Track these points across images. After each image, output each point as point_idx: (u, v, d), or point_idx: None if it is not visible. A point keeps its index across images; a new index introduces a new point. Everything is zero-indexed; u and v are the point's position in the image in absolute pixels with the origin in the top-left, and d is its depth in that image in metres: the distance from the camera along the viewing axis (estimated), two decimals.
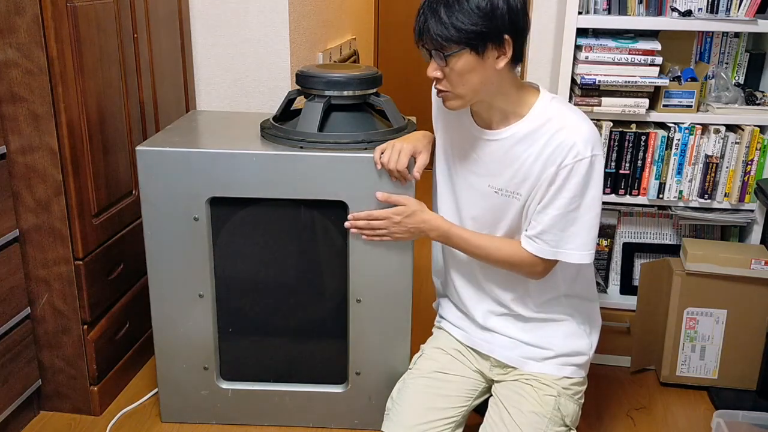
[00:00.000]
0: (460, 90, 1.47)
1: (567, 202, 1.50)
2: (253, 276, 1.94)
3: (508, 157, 1.55)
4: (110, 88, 2.02)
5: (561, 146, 1.48)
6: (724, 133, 2.17)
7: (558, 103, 1.55)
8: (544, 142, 1.50)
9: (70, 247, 1.92)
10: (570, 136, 1.48)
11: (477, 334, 1.73)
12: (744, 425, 1.92)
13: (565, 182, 1.49)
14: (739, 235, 2.37)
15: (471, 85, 1.47)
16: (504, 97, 1.52)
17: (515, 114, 1.54)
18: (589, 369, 1.73)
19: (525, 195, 1.55)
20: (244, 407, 2.02)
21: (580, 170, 1.47)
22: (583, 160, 1.47)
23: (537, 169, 1.51)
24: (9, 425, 1.94)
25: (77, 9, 1.83)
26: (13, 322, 1.90)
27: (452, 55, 1.43)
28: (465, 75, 1.45)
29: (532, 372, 1.66)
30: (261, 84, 2.58)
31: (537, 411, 1.60)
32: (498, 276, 1.67)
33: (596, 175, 1.50)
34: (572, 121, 1.51)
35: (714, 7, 2.09)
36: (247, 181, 1.80)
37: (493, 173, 1.59)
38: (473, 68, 1.44)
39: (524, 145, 1.53)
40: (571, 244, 1.53)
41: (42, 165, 1.85)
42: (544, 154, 1.50)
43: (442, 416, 1.65)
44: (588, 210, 1.52)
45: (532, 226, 1.56)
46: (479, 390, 1.73)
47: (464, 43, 1.41)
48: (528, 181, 1.53)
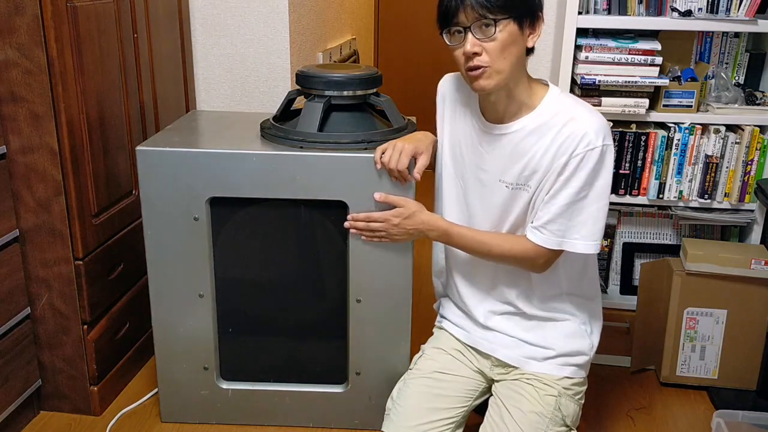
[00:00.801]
0: (500, 64, 1.46)
1: (576, 191, 1.50)
2: (253, 276, 1.94)
3: (519, 150, 1.55)
4: (110, 88, 2.02)
5: (572, 136, 1.49)
6: (724, 133, 2.17)
7: (567, 96, 1.57)
8: (554, 134, 1.51)
9: (70, 247, 1.92)
10: (581, 126, 1.49)
11: (478, 333, 1.73)
12: (744, 425, 1.92)
13: (576, 171, 1.49)
14: (739, 235, 2.37)
15: (511, 59, 1.47)
16: (521, 86, 1.54)
17: (527, 106, 1.55)
18: (589, 369, 1.73)
19: (534, 186, 1.55)
20: (244, 407, 2.02)
21: (591, 159, 1.48)
22: (595, 149, 1.48)
23: (547, 161, 1.52)
24: (9, 425, 1.94)
25: (77, 9, 1.83)
26: (13, 322, 1.90)
27: (499, 22, 1.43)
28: (508, 47, 1.45)
29: (533, 372, 1.66)
30: (261, 84, 2.58)
31: (537, 411, 1.60)
32: (501, 272, 1.67)
33: (607, 165, 1.50)
34: (582, 112, 1.52)
35: (714, 7, 2.09)
36: (247, 181, 1.80)
37: (503, 168, 1.59)
38: (515, 40, 1.46)
39: (534, 137, 1.53)
40: (576, 234, 1.53)
41: (42, 165, 1.85)
42: (555, 145, 1.50)
43: (443, 416, 1.65)
44: (596, 200, 1.52)
45: (538, 217, 1.55)
46: (479, 390, 1.73)
47: (510, 11, 1.43)
48: (538, 173, 1.54)
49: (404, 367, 1.86)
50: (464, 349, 1.76)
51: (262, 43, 2.53)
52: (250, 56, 2.55)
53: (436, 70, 4.64)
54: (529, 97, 1.55)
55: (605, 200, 1.53)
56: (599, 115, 1.53)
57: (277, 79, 2.56)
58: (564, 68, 2.12)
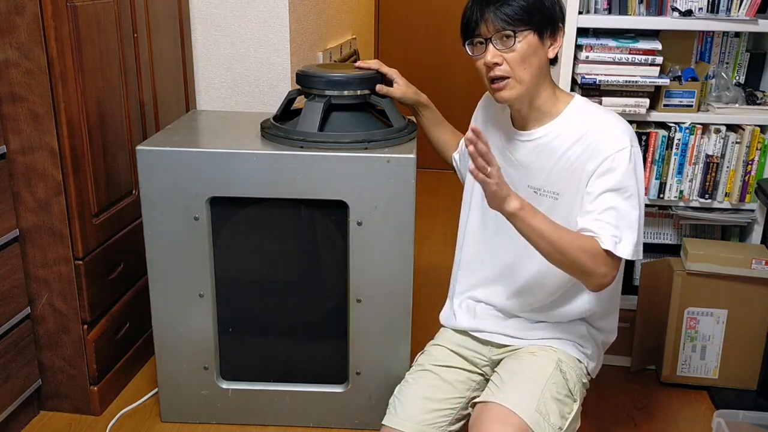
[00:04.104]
0: (521, 74, 1.49)
1: (614, 190, 1.48)
2: (253, 276, 1.94)
3: (543, 156, 1.57)
4: (110, 88, 2.02)
5: (599, 141, 1.50)
6: (725, 133, 2.17)
7: (592, 105, 1.59)
8: (577, 139, 1.52)
9: (70, 247, 1.92)
10: (606, 132, 1.50)
11: (489, 320, 1.72)
12: (744, 425, 1.92)
13: (608, 173, 1.48)
14: (739, 234, 2.37)
15: (532, 69, 1.49)
16: (544, 95, 1.55)
17: (550, 113, 1.57)
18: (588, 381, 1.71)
19: (562, 194, 1.56)
20: (245, 407, 2.02)
21: (623, 160, 1.48)
22: (623, 150, 1.48)
23: (574, 167, 1.52)
24: (9, 425, 1.94)
25: (77, 9, 1.82)
26: (13, 322, 1.90)
27: (519, 33, 1.46)
28: (528, 58, 1.48)
29: (536, 343, 1.65)
30: (261, 84, 2.58)
31: (537, 370, 1.58)
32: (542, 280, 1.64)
33: (638, 169, 1.50)
34: (606, 118, 1.54)
35: (714, 6, 2.09)
36: (247, 181, 1.80)
37: (530, 173, 1.60)
38: (536, 51, 1.49)
39: (558, 143, 1.55)
40: (623, 234, 1.48)
41: (42, 165, 1.84)
42: (579, 150, 1.51)
43: (441, 407, 1.64)
44: (635, 205, 1.49)
45: (585, 212, 1.51)
46: (476, 381, 1.72)
47: (530, 23, 1.46)
48: (565, 180, 1.54)
49: (404, 367, 1.86)
50: (463, 340, 1.75)
51: (262, 43, 2.53)
52: (250, 56, 2.55)
53: (436, 70, 4.65)
54: (553, 105, 1.57)
55: (641, 204, 1.51)
56: (623, 120, 1.54)
57: (277, 79, 2.56)
58: (564, 68, 2.12)
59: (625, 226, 1.48)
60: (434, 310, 1.96)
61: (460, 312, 1.77)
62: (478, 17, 1.48)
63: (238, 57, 2.56)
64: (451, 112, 2.02)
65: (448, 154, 1.91)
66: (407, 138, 1.89)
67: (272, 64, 2.55)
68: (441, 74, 4.28)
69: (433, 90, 1.79)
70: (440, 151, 1.94)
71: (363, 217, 1.81)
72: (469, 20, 1.51)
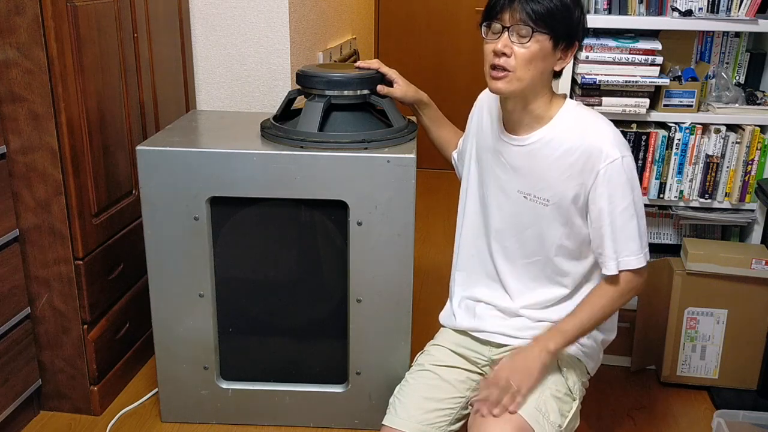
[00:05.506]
0: (523, 73, 1.48)
1: (608, 215, 1.51)
2: (253, 276, 1.94)
3: (534, 161, 1.57)
4: (110, 88, 2.02)
5: (589, 153, 1.50)
6: (725, 133, 2.17)
7: (582, 109, 1.59)
8: (567, 148, 1.52)
9: (70, 247, 1.92)
10: (595, 142, 1.50)
11: (489, 320, 1.72)
12: (744, 425, 1.92)
13: (602, 187, 1.50)
14: (739, 234, 2.37)
15: (535, 72, 1.49)
16: (540, 101, 1.55)
17: (542, 119, 1.56)
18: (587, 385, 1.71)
19: (552, 201, 1.56)
20: (244, 407, 2.02)
21: (614, 173, 1.49)
22: (614, 162, 1.48)
23: (564, 177, 1.53)
24: (9, 425, 1.94)
25: (77, 9, 1.82)
26: (13, 322, 1.90)
27: (537, 33, 1.45)
28: (535, 60, 1.47)
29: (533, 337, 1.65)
30: (261, 84, 2.58)
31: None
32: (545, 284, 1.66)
33: (632, 176, 1.51)
34: (595, 126, 1.54)
35: (714, 6, 2.09)
36: (247, 181, 1.80)
37: (520, 178, 1.60)
38: (545, 56, 1.48)
39: (549, 150, 1.55)
40: (627, 251, 1.53)
41: (42, 165, 1.84)
42: (571, 160, 1.52)
43: (441, 407, 1.64)
44: (634, 214, 1.52)
45: (599, 253, 1.56)
46: (477, 381, 1.72)
47: (550, 27, 1.45)
48: (555, 188, 1.55)
49: (404, 367, 1.86)
50: (462, 339, 1.75)
51: (262, 43, 2.53)
52: (250, 56, 2.55)
53: (436, 70, 4.65)
54: (546, 111, 1.57)
55: (640, 210, 1.53)
56: (613, 127, 1.54)
57: (277, 79, 2.56)
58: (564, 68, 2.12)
59: (624, 239, 1.52)
60: (434, 310, 1.96)
61: (460, 312, 1.77)
62: (505, 3, 1.47)
63: (238, 57, 2.56)
64: (451, 112, 2.02)
65: (448, 153, 1.91)
66: (407, 138, 1.89)
67: (272, 64, 2.55)
68: (441, 74, 4.28)
69: (433, 90, 1.78)
70: (441, 150, 1.94)
71: (363, 217, 1.81)
72: (496, 3, 1.49)
